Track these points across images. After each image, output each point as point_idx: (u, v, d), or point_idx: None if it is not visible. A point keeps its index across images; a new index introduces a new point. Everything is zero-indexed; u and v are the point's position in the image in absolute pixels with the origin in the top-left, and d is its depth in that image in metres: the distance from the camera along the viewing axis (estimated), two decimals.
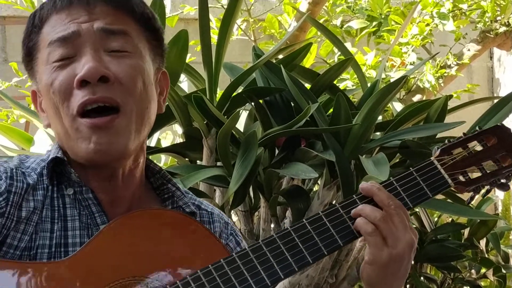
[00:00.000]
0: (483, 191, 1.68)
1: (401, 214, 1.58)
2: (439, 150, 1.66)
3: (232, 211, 3.10)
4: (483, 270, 4.28)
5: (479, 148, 1.67)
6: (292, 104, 2.99)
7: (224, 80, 3.17)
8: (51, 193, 1.56)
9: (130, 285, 1.46)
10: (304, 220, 1.56)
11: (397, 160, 3.13)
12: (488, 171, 1.66)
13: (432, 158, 1.65)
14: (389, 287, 1.61)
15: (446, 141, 1.68)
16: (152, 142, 3.47)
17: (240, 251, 1.51)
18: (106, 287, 1.45)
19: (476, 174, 1.68)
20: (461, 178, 1.64)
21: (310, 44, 3.29)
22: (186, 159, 3.13)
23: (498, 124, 1.72)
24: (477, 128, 1.71)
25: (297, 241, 1.53)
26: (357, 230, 1.57)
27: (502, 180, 1.67)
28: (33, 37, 1.58)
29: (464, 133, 1.70)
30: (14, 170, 1.54)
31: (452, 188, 1.64)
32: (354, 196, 1.61)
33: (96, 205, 1.56)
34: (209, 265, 1.48)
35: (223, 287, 1.46)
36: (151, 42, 1.62)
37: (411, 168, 1.64)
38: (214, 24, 4.60)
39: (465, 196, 3.25)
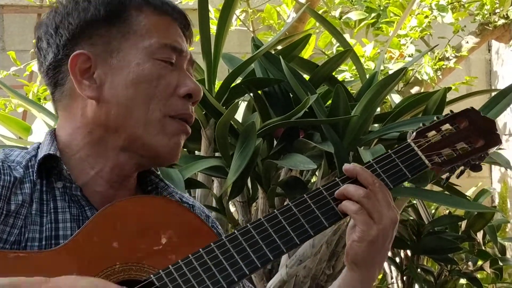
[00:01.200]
0: (457, 171, 1.74)
1: (384, 191, 1.62)
2: (414, 133, 1.71)
3: (230, 201, 3.10)
4: (480, 262, 4.29)
5: (452, 131, 1.73)
6: (291, 95, 2.99)
7: (222, 70, 3.16)
8: (40, 187, 1.55)
9: (123, 271, 1.48)
10: (290, 203, 1.60)
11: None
12: (461, 152, 1.71)
13: (409, 141, 1.70)
14: (373, 264, 1.65)
15: (421, 124, 1.74)
16: None
17: (229, 234, 1.54)
18: (100, 273, 1.46)
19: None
20: (437, 159, 1.69)
21: (309, 35, 3.29)
22: (184, 149, 3.13)
23: (469, 108, 1.78)
24: (449, 111, 1.78)
25: (284, 223, 1.57)
26: (342, 210, 1.60)
27: (476, 162, 1.74)
28: (120, 12, 1.61)
29: (437, 117, 1.76)
30: (1, 164, 1.54)
31: (429, 169, 1.69)
32: (336, 178, 1.65)
33: (85, 200, 1.57)
34: (200, 249, 1.50)
35: (215, 270, 1.49)
36: None
37: (389, 151, 1.69)
38: (213, 15, 4.59)
39: (463, 189, 3.27)
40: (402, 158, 1.68)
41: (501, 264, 4.26)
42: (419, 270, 4.08)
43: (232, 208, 3.34)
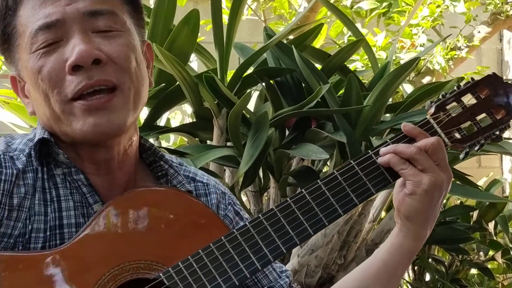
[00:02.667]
0: (477, 146, 1.66)
1: (444, 150, 1.58)
2: (433, 106, 1.63)
3: (242, 191, 3.10)
4: (491, 253, 4.28)
5: (473, 101, 1.64)
6: (303, 85, 2.99)
7: (233, 60, 3.16)
8: (41, 174, 1.51)
9: (131, 269, 1.44)
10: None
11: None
12: (482, 125, 1.64)
13: (428, 117, 1.62)
14: (426, 219, 1.61)
15: (441, 96, 1.64)
16: (162, 122, 3.47)
17: (241, 227, 1.49)
18: (107, 273, 1.43)
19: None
20: (457, 135, 1.62)
21: (322, 24, 3.28)
22: (196, 139, 3.13)
23: (490, 74, 1.68)
24: (470, 79, 1.68)
25: (297, 213, 1.52)
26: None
27: (496, 133, 1.65)
28: (10, 21, 1.51)
29: (457, 86, 1.66)
30: (2, 156, 1.50)
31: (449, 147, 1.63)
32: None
33: (87, 185, 1.53)
34: (211, 244, 1.46)
35: (226, 266, 1.44)
36: (133, 15, 1.57)
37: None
38: (225, 4, 4.58)
39: (475, 179, 3.27)
40: None
41: None
42: (430, 260, 4.07)
43: (243, 198, 3.34)
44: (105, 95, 1.46)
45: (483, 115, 1.64)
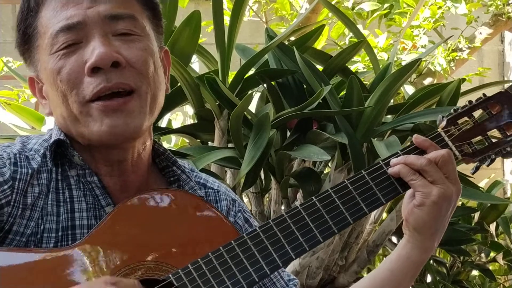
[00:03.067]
0: (488, 161, 1.67)
1: (454, 163, 1.59)
2: (445, 120, 1.65)
3: (243, 192, 3.10)
4: (492, 254, 4.28)
5: (484, 116, 1.65)
6: (305, 86, 2.99)
7: (235, 61, 3.16)
8: (55, 175, 1.53)
9: (141, 269, 1.45)
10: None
11: (409, 143, 3.12)
12: (493, 141, 1.65)
13: (439, 130, 1.64)
14: (435, 231, 1.61)
15: (452, 110, 1.66)
16: (163, 123, 3.47)
17: (251, 231, 1.50)
18: (117, 272, 1.43)
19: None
20: (468, 149, 1.64)
21: (323, 26, 3.28)
22: (198, 140, 3.13)
23: (502, 90, 1.69)
24: (481, 95, 1.68)
25: (307, 219, 1.52)
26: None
27: (507, 149, 1.66)
28: (31, 21, 1.53)
29: (469, 101, 1.67)
30: (18, 155, 1.51)
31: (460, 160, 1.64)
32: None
33: (100, 188, 1.54)
34: (220, 247, 1.47)
35: (235, 269, 1.45)
36: (152, 21, 1.59)
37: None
38: (226, 5, 4.59)
39: (476, 180, 3.26)
40: None
41: None
42: (431, 261, 4.07)
43: (245, 199, 3.34)
44: (122, 98, 1.48)
45: (494, 130, 1.65)
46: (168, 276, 1.43)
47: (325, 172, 3.29)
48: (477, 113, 1.66)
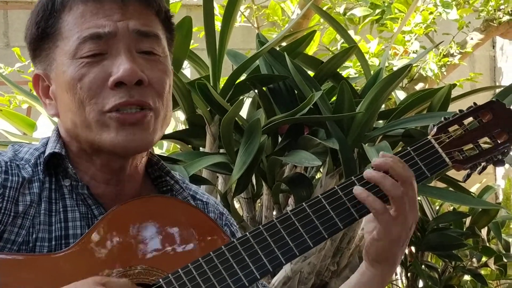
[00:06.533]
0: (479, 168, 1.67)
1: (414, 188, 1.58)
2: (435, 128, 1.65)
3: (235, 198, 3.10)
4: (484, 259, 4.28)
5: (475, 125, 1.66)
6: (296, 92, 2.99)
7: (226, 67, 3.16)
8: (48, 185, 1.54)
9: (131, 274, 1.46)
10: (304, 203, 1.55)
11: (400, 149, 3.12)
12: (484, 148, 1.65)
13: (429, 137, 1.64)
14: (395, 260, 1.63)
15: (443, 119, 1.66)
16: None
17: (241, 236, 1.50)
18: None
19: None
20: (458, 156, 1.63)
21: (314, 31, 3.29)
22: (189, 146, 3.13)
23: (493, 99, 1.70)
24: (472, 104, 1.69)
25: (297, 225, 1.53)
26: (367, 206, 1.56)
27: (499, 157, 1.67)
28: (52, 22, 1.54)
29: (459, 110, 1.68)
30: (9, 164, 1.52)
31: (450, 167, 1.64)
32: (352, 177, 1.60)
33: (92, 199, 1.55)
34: (211, 253, 1.47)
35: (225, 274, 1.46)
36: (169, 43, 1.62)
37: (408, 148, 1.63)
38: (218, 11, 4.59)
39: (467, 185, 3.27)
40: (422, 155, 1.62)
41: (505, 260, 4.26)
42: (423, 266, 4.07)
43: (236, 205, 3.34)
44: (140, 112, 1.51)
45: (485, 138, 1.66)
46: (158, 281, 1.44)
47: (316, 177, 3.29)
48: (468, 122, 1.66)
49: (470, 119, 1.67)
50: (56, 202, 1.54)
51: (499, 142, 1.66)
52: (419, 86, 4.97)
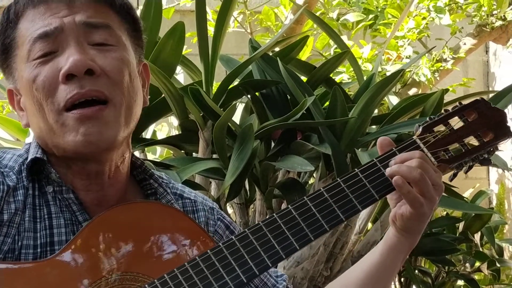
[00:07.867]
0: (465, 167, 1.66)
1: (429, 167, 1.58)
2: (420, 128, 1.64)
3: (228, 203, 3.10)
4: (477, 264, 4.29)
5: (460, 124, 1.65)
6: (289, 97, 2.99)
7: (219, 72, 3.16)
8: (32, 191, 1.52)
9: (116, 281, 1.45)
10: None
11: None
12: (470, 148, 1.64)
13: (414, 137, 1.63)
14: (420, 230, 1.63)
15: (428, 119, 1.65)
16: (148, 134, 3.47)
17: (227, 240, 1.49)
18: (93, 284, 1.43)
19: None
20: (444, 155, 1.62)
21: (307, 37, 3.29)
22: (182, 151, 3.13)
23: (478, 98, 1.69)
24: (457, 103, 1.68)
25: (283, 228, 1.52)
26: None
27: (485, 155, 1.66)
28: (10, 33, 1.54)
29: (445, 109, 1.67)
30: None
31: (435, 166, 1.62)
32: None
33: (77, 204, 1.53)
34: (197, 257, 1.46)
35: (211, 278, 1.45)
36: (131, 33, 1.59)
37: (393, 148, 1.61)
38: (211, 16, 4.59)
39: (461, 190, 3.27)
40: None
41: (498, 265, 4.27)
42: (416, 271, 4.08)
43: (229, 210, 3.34)
44: (96, 106, 1.47)
45: (471, 137, 1.65)
46: (145, 286, 1.44)
47: (309, 182, 3.29)
48: (453, 121, 1.66)
49: (456, 118, 1.66)
50: (40, 208, 1.52)
51: (485, 140, 1.65)
52: (412, 91, 4.97)
